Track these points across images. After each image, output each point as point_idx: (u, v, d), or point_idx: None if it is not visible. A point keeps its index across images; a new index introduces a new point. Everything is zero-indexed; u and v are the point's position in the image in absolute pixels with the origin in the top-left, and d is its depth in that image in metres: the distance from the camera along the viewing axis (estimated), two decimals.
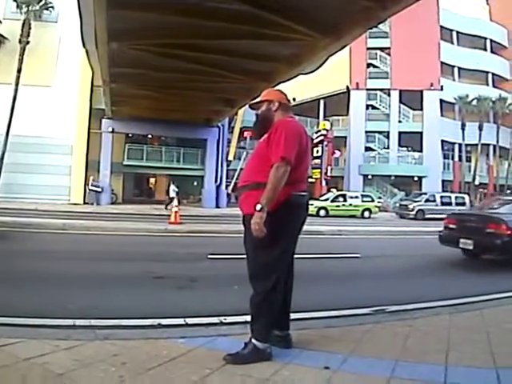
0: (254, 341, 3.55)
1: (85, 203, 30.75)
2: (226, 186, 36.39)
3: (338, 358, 3.65)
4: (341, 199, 32.65)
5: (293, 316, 4.04)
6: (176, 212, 18.14)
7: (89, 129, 31.95)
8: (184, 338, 4.00)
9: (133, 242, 13.49)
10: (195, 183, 39.37)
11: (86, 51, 17.36)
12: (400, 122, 44.22)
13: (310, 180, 33.66)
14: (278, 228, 3.48)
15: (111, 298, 6.06)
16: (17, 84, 28.55)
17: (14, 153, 28.79)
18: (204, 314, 4.95)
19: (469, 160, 46.30)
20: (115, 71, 19.04)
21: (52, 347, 3.61)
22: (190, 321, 4.75)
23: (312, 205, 27.17)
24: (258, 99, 3.96)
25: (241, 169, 29.01)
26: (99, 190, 31.09)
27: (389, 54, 44.68)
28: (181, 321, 4.74)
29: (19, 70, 28.61)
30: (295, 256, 3.88)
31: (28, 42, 29.12)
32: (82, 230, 14.79)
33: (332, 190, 36.38)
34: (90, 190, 30.70)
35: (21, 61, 28.70)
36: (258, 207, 3.40)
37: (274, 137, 3.58)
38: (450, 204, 32.71)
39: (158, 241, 13.84)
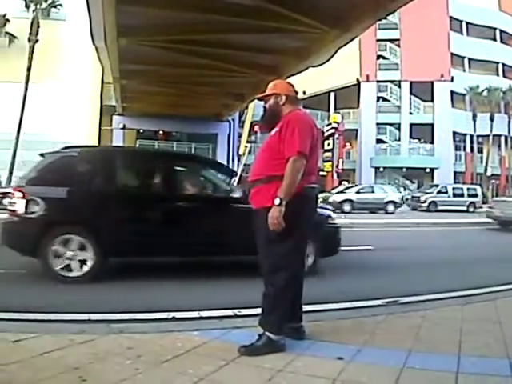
0: (267, 333, 3.56)
1: None
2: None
3: (351, 349, 3.65)
4: None
5: (306, 308, 4.05)
6: None
7: (100, 126, 32.12)
8: (198, 331, 4.01)
9: None
10: None
11: (96, 48, 17.42)
12: (411, 113, 44.04)
13: (321, 173, 33.66)
14: (290, 221, 3.46)
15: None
16: (27, 82, 28.76)
17: (25, 151, 29.00)
18: (218, 307, 4.96)
19: (480, 151, 46.03)
20: (125, 68, 19.10)
21: (67, 341, 3.63)
22: (204, 314, 4.76)
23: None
24: (265, 92, 3.93)
25: (245, 164, 28.88)
26: None
27: (398, 46, 44.48)
28: (195, 314, 4.74)
29: (29, 69, 28.82)
30: None
31: (37, 41, 29.30)
32: None
33: (343, 182, 36.23)
34: None
35: (30, 59, 28.90)
36: (277, 201, 3.41)
37: (286, 130, 3.57)
38: (462, 195, 32.63)
39: None
